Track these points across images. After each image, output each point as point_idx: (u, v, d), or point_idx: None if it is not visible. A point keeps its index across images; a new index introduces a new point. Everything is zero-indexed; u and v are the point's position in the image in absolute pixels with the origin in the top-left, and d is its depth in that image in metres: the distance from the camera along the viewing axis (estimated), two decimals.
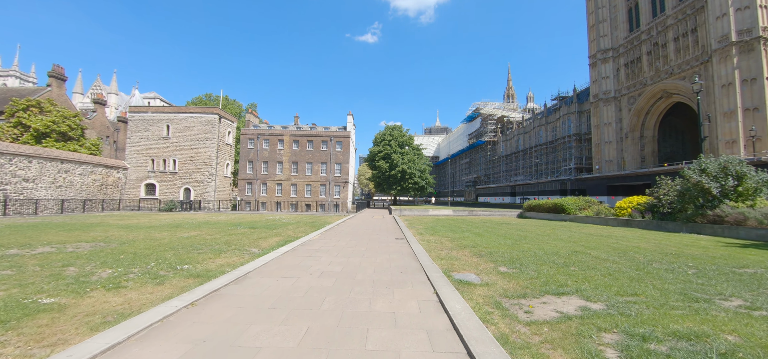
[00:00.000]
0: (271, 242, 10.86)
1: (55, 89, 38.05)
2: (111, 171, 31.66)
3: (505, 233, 14.16)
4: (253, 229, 14.96)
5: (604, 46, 49.26)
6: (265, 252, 8.88)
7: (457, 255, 8.78)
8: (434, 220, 22.36)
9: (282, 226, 16.67)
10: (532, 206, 26.13)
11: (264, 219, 22.01)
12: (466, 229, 15.85)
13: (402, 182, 42.15)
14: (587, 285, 5.88)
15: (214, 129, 38.10)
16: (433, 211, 29.06)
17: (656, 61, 43.25)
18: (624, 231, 15.49)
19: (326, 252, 9.12)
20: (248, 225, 17.00)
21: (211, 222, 19.01)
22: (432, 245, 10.65)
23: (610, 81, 48.53)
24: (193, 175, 37.65)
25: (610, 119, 48.17)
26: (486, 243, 10.85)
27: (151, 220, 20.25)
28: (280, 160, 50.04)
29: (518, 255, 8.75)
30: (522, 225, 19.21)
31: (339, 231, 15.15)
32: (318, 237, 12.32)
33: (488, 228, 16.21)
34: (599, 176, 47.19)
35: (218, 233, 13.24)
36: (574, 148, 52.39)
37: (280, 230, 14.80)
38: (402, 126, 46.02)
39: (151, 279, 6.02)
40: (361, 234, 14.03)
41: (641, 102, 44.85)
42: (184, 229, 14.60)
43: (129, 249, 9.22)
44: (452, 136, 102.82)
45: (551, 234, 14.08)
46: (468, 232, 14.29)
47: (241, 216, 26.04)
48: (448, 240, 11.84)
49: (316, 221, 21.30)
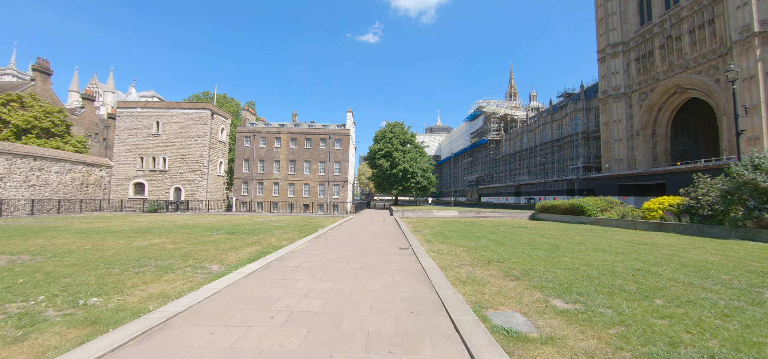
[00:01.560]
0: (242, 255, 8.56)
1: (40, 84, 35.83)
2: (92, 169, 29.26)
3: (529, 240, 11.83)
4: (232, 235, 12.65)
5: (613, 40, 46.87)
6: (226, 273, 6.58)
7: (483, 276, 6.47)
8: (440, 223, 20.04)
9: (266, 231, 14.32)
10: (546, 207, 23.76)
11: (250, 222, 19.67)
12: (480, 235, 13.52)
13: (403, 181, 39.78)
14: (712, 339, 3.59)
15: (206, 125, 35.81)
16: (438, 212, 26.74)
17: (670, 55, 40.87)
18: (664, 238, 13.14)
19: (307, 272, 6.80)
20: (228, 230, 14.66)
21: (188, 225, 16.69)
22: (446, 259, 8.33)
23: (620, 76, 46.14)
24: (184, 174, 35.36)
25: (621, 116, 45.77)
26: (514, 256, 8.53)
27: (123, 223, 17.96)
28: (277, 158, 47.79)
29: (566, 276, 6.43)
30: (542, 229, 16.86)
31: (332, 237, 12.82)
32: (304, 247, 10.01)
33: (506, 234, 13.86)
34: (609, 175, 44.81)
35: (185, 241, 10.94)
36: (582, 146, 50.03)
37: (261, 237, 12.48)
38: (404, 123, 43.62)
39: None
40: (358, 241, 11.70)
41: (653, 98, 42.46)
42: (149, 236, 12.30)
43: (50, 266, 6.93)
44: (454, 135, 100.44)
45: (583, 241, 11.76)
46: (484, 239, 11.96)
47: (229, 218, 23.68)
48: (464, 250, 9.52)
49: (308, 224, 18.98)
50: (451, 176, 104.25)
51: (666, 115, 43.13)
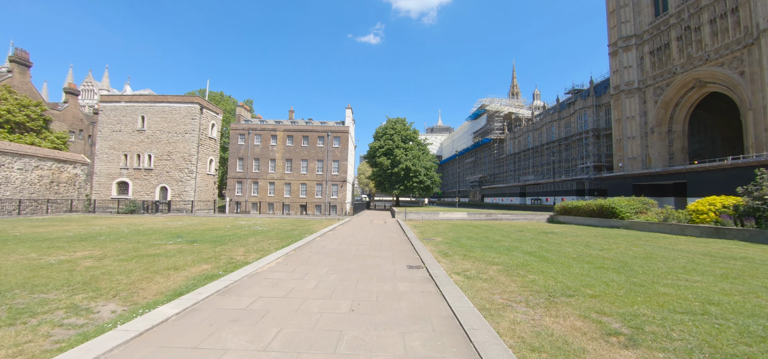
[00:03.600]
0: (173, 282, 5.64)
1: (18, 76, 32.98)
2: (64, 166, 26.24)
3: (577, 253, 8.89)
4: (190, 245, 9.72)
5: (626, 33, 43.95)
6: (103, 330, 3.69)
7: (561, 333, 3.54)
8: (451, 227, 17.10)
9: (238, 239, 11.31)
10: (567, 208, 20.81)
11: (228, 226, 16.66)
12: (507, 244, 10.59)
13: (405, 180, 36.81)
14: None
15: (194, 121, 32.91)
16: (444, 214, 23.81)
17: (688, 47, 37.94)
18: (743, 249, 10.20)
19: (253, 326, 3.85)
20: (192, 237, 11.65)
21: (149, 231, 13.73)
22: (481, 288, 5.41)
23: (634, 71, 43.19)
24: (171, 172, 32.45)
25: (634, 112, 42.81)
26: (581, 283, 5.60)
27: (78, 228, 15.03)
28: (273, 157, 44.88)
29: (708, 332, 3.51)
30: (577, 235, 13.91)
31: (318, 248, 9.85)
32: (274, 266, 7.10)
33: (541, 244, 10.88)
34: (622, 175, 41.83)
35: (118, 256, 8.02)
36: (592, 144, 47.06)
37: (227, 247, 9.54)
38: (405, 119, 40.55)
39: None
40: (351, 255, 8.74)
41: (670, 93, 39.51)
42: (82, 246, 9.37)
43: None
44: (456, 135, 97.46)
45: (648, 254, 8.82)
46: (517, 251, 9.02)
47: (207, 221, 20.65)
48: (501, 271, 6.60)
49: (297, 228, 16.04)
50: (453, 176, 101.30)
51: (683, 111, 40.18)
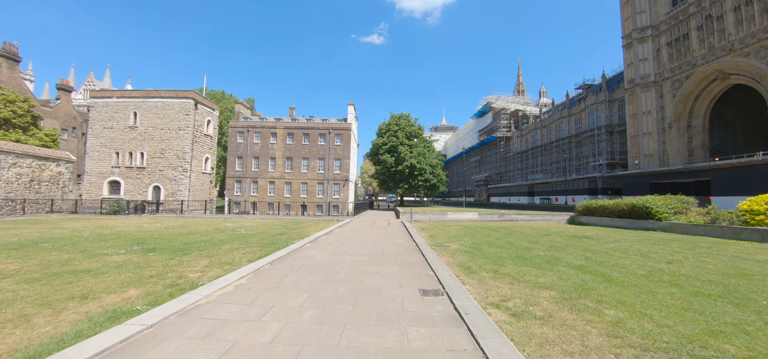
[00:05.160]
0: (56, 326, 3.59)
1: (6, 71, 31.37)
2: (46, 163, 24.40)
3: (647, 269, 6.70)
4: (146, 254, 7.70)
5: (641, 24, 41.40)
6: None
7: None
8: (464, 230, 14.96)
9: (209, 247, 9.06)
10: (591, 208, 18.54)
11: (210, 230, 14.46)
12: (546, 255, 8.43)
13: (410, 179, 34.72)
14: None
15: (188, 116, 31.05)
16: (454, 215, 21.66)
17: (709, 37, 35.37)
18: None
19: None
20: (151, 245, 9.26)
21: (111, 235, 11.69)
22: (544, 338, 3.29)
23: (650, 63, 40.64)
24: (164, 171, 30.63)
25: (650, 107, 40.26)
26: (704, 330, 3.42)
27: (42, 232, 13.12)
28: (273, 155, 43.04)
29: None
30: (620, 241, 11.70)
31: (302, 262, 7.65)
32: (231, 292, 5.01)
33: (587, 255, 8.65)
34: (639, 172, 39.33)
35: (30, 274, 5.97)
36: (605, 141, 44.55)
37: (188, 259, 7.47)
38: (410, 115, 38.34)
39: None
40: (343, 273, 6.40)
41: (689, 86, 36.94)
42: (1, 258, 7.42)
43: None
44: (460, 133, 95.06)
45: (732, 269, 6.63)
46: (563, 265, 6.87)
47: (189, 223, 18.50)
48: (558, 301, 4.48)
49: (286, 232, 13.96)
50: (458, 176, 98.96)
51: (704, 105, 37.58)
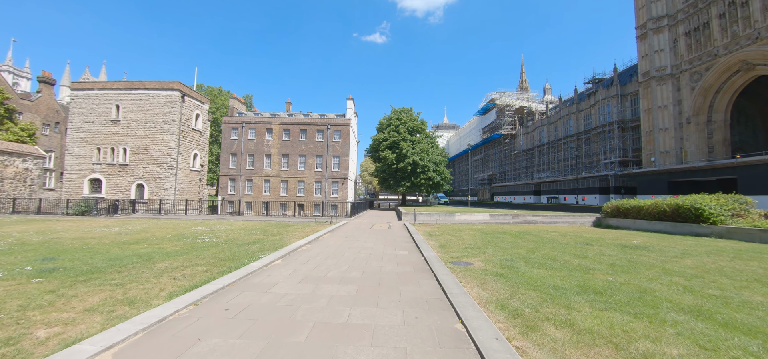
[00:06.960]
0: None
1: None
2: (10, 159, 21.96)
3: None
4: (29, 280, 5.29)
5: (656, 13, 38.78)
6: None
7: None
8: (479, 236, 12.45)
9: (137, 266, 6.44)
10: (622, 210, 16.02)
11: (166, 235, 11.68)
12: (619, 282, 5.94)
13: (412, 177, 32.27)
14: None
15: (174, 110, 28.64)
16: (462, 216, 19.18)
17: (732, 25, 32.73)
18: None
19: None
20: (63, 261, 6.41)
21: (38, 244, 9.21)
22: None
23: (666, 55, 38.02)
24: (148, 168, 28.23)
25: (667, 101, 37.65)
26: None
27: None
28: (268, 152, 40.63)
29: None
30: (691, 255, 8.95)
31: (249, 300, 4.74)
32: None
33: (693, 287, 6.03)
34: (655, 170, 36.76)
35: None
36: (617, 137, 41.95)
37: (68, 295, 4.84)
38: (412, 109, 35.80)
39: None
40: (302, 341, 3.39)
41: (710, 78, 34.32)
42: None
43: None
44: (463, 131, 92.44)
45: None
46: (667, 306, 4.37)
47: (155, 226, 15.82)
48: None
49: (263, 238, 11.46)
50: (461, 174, 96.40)
51: (725, 98, 34.95)
